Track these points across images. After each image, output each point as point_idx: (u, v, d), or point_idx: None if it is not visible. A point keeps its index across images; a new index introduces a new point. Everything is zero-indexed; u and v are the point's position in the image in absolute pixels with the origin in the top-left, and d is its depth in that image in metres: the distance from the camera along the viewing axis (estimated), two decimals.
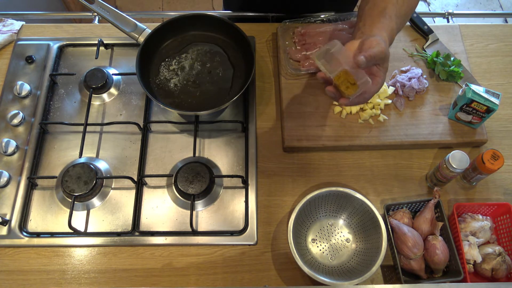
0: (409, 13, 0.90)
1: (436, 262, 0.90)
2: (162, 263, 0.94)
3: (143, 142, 1.04)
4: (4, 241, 0.95)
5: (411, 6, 0.90)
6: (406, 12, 0.88)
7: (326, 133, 1.03)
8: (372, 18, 0.84)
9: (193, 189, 0.96)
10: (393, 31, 0.84)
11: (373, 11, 0.85)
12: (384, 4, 0.84)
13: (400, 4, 0.86)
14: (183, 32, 1.12)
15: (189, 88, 1.07)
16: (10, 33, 1.18)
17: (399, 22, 0.86)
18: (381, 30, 0.81)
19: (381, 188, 1.02)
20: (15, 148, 1.03)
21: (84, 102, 1.10)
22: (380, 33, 0.81)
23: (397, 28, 0.85)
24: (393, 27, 0.84)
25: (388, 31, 0.82)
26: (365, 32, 0.82)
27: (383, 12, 0.83)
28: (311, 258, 0.94)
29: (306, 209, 0.93)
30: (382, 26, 0.82)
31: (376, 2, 0.85)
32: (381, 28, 0.82)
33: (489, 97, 0.96)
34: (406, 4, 0.87)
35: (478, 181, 1.00)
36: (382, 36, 0.80)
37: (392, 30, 0.83)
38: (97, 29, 1.22)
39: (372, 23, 0.83)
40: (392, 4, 0.84)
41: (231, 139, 1.06)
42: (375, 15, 0.84)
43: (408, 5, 0.88)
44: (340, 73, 0.77)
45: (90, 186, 0.97)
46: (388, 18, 0.83)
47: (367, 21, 0.84)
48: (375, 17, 0.84)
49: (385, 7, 0.84)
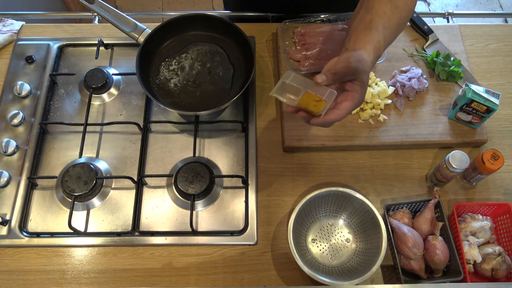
0: (401, 23, 0.86)
1: (436, 262, 0.90)
2: (162, 263, 0.94)
3: (143, 142, 1.04)
4: (4, 241, 0.95)
5: (402, 16, 0.85)
6: (397, 22, 0.84)
7: (326, 133, 1.03)
8: (357, 32, 0.81)
9: (193, 189, 0.96)
10: (380, 43, 0.80)
11: (359, 25, 0.82)
12: (370, 17, 0.81)
13: (389, 15, 0.82)
14: (183, 32, 1.12)
15: (189, 88, 1.07)
16: (10, 33, 1.18)
17: (388, 33, 0.82)
18: (365, 44, 0.78)
19: (381, 188, 1.02)
20: (15, 148, 1.03)
21: (84, 102, 1.10)
22: (364, 47, 0.77)
23: (385, 40, 0.81)
24: (380, 39, 0.80)
25: (373, 44, 0.78)
26: (348, 48, 0.79)
27: (369, 25, 0.80)
28: (311, 258, 0.94)
29: (306, 209, 0.93)
30: (367, 40, 0.79)
31: (363, 16, 0.82)
32: (365, 42, 0.78)
33: (489, 97, 0.96)
34: (397, 15, 0.83)
35: (478, 181, 1.00)
36: (366, 49, 0.77)
37: (378, 42, 0.79)
38: (97, 29, 1.22)
39: (357, 38, 0.79)
40: (379, 16, 0.81)
41: (231, 139, 1.06)
42: (360, 29, 0.81)
43: (399, 16, 0.84)
44: (303, 96, 0.77)
45: (90, 186, 0.97)
46: (374, 31, 0.80)
47: (352, 35, 0.81)
48: (360, 31, 0.80)
49: (371, 20, 0.80)
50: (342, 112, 0.77)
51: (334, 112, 0.77)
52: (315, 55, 1.10)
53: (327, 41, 1.11)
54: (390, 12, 0.82)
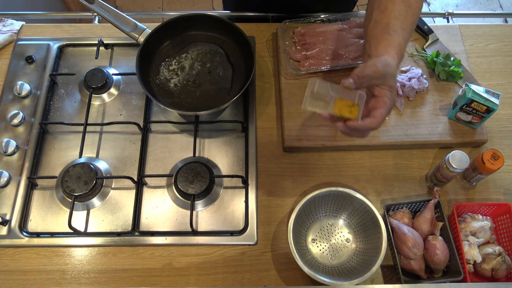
0: (414, 22, 0.85)
1: (436, 262, 0.90)
2: (162, 263, 0.94)
3: (143, 142, 1.04)
4: (4, 241, 0.95)
5: (416, 14, 0.85)
6: (412, 21, 0.84)
7: (326, 133, 1.03)
8: (376, 37, 0.80)
9: (193, 189, 0.96)
10: (400, 45, 0.80)
11: (376, 29, 0.81)
12: (387, 20, 0.80)
13: (404, 16, 0.81)
14: (183, 32, 1.12)
15: (189, 88, 1.07)
16: (10, 33, 1.18)
17: (406, 34, 0.81)
18: (386, 48, 0.78)
19: (381, 188, 1.02)
20: (15, 148, 1.03)
21: (84, 102, 1.10)
22: (387, 51, 0.77)
23: (404, 41, 0.81)
24: (400, 41, 0.80)
25: (395, 47, 0.78)
26: (371, 54, 0.79)
27: (387, 28, 0.80)
28: (311, 258, 0.94)
29: (306, 209, 0.93)
30: (388, 44, 0.79)
31: (378, 18, 0.82)
32: (386, 46, 0.78)
33: (489, 97, 0.96)
34: (410, 14, 0.83)
35: (478, 181, 1.00)
36: (389, 54, 0.77)
37: (399, 45, 0.79)
38: (97, 29, 1.22)
39: (377, 43, 0.79)
40: (395, 17, 0.80)
41: (231, 139, 1.06)
42: (378, 33, 0.80)
43: (413, 15, 0.83)
44: (336, 103, 0.76)
45: (90, 186, 0.97)
46: (393, 33, 0.79)
47: (371, 41, 0.81)
48: (378, 35, 0.80)
49: (387, 23, 0.80)
50: (378, 119, 0.75)
51: (370, 120, 0.76)
52: (315, 55, 1.10)
53: (327, 41, 1.11)
54: (405, 12, 0.81)
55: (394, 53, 0.78)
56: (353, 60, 1.09)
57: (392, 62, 0.76)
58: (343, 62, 1.09)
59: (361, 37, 1.12)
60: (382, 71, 0.74)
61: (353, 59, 1.09)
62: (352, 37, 1.12)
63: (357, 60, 1.09)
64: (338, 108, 0.76)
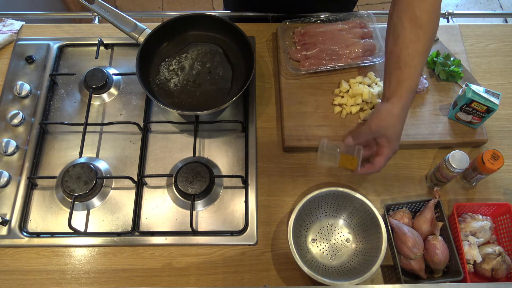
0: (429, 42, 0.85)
1: (436, 262, 0.90)
2: (162, 263, 0.94)
3: (143, 142, 1.04)
4: (4, 241, 0.95)
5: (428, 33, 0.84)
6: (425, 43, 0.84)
7: (326, 133, 1.03)
8: (390, 73, 0.86)
9: (193, 189, 0.96)
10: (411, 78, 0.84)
11: (390, 61, 0.86)
12: (398, 51, 0.84)
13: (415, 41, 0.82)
14: (183, 32, 1.12)
15: (189, 88, 1.07)
16: (10, 33, 1.18)
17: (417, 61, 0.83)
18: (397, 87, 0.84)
19: (381, 188, 1.02)
20: (15, 148, 1.03)
21: (84, 102, 1.10)
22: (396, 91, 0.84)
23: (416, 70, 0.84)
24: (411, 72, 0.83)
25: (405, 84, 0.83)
26: (384, 97, 0.88)
27: (398, 62, 0.84)
28: (311, 258, 0.94)
29: (306, 209, 0.93)
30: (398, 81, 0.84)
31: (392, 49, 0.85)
32: (397, 85, 0.84)
33: (489, 97, 0.96)
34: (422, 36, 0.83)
35: (478, 181, 1.00)
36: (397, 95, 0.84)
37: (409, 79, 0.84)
38: (97, 29, 1.22)
39: (390, 82, 0.86)
40: (405, 47, 0.83)
41: (231, 139, 1.06)
42: (392, 68, 0.85)
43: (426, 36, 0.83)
44: (340, 157, 0.91)
45: (90, 186, 0.97)
46: (404, 67, 0.83)
47: (386, 78, 0.87)
48: (392, 71, 0.85)
49: (398, 56, 0.83)
50: (375, 166, 0.88)
51: (369, 166, 0.89)
52: (315, 55, 1.10)
53: (327, 41, 1.11)
54: (415, 37, 0.83)
55: (404, 91, 0.84)
56: (353, 60, 1.09)
57: (394, 111, 0.84)
58: (343, 62, 1.09)
59: (361, 37, 1.12)
60: (374, 130, 0.86)
61: (353, 59, 1.09)
62: (352, 37, 1.11)
63: (357, 60, 1.09)
64: (342, 162, 0.91)
